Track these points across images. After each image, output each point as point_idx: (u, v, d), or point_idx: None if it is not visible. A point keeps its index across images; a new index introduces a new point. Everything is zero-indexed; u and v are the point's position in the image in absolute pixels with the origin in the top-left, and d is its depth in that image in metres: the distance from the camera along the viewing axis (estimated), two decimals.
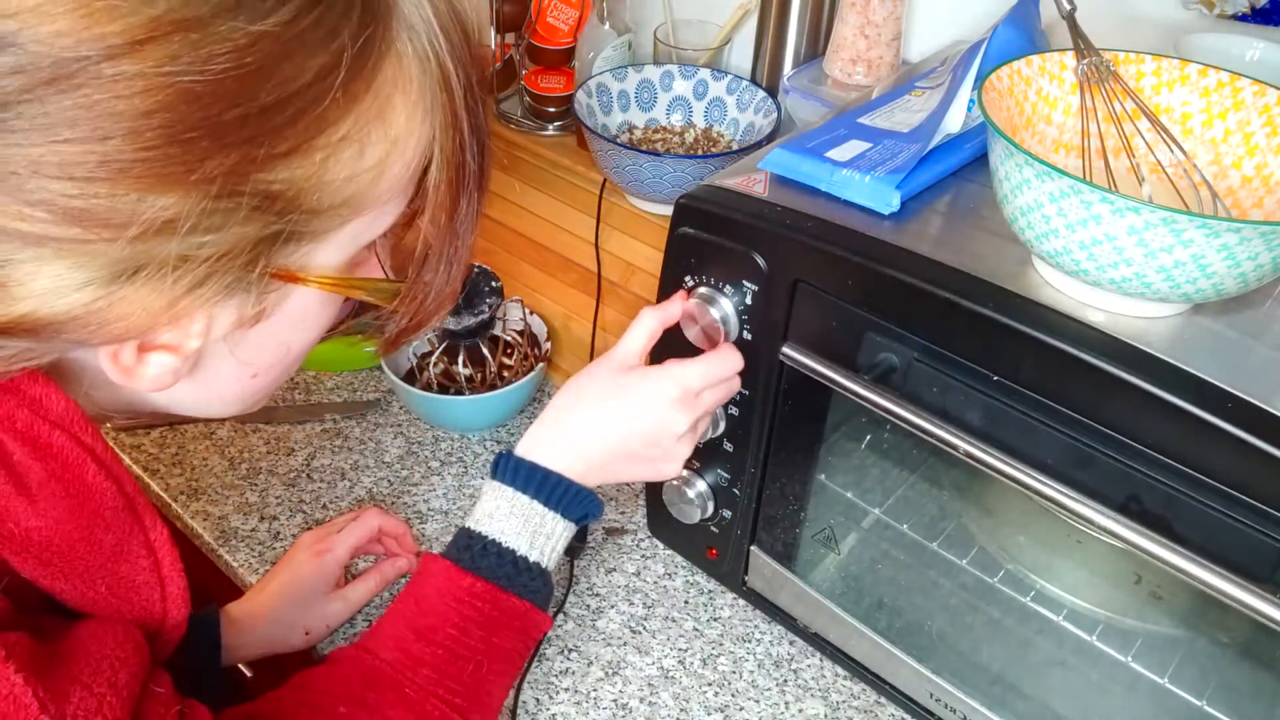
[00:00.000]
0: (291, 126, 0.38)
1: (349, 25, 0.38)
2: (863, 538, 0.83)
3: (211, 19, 0.35)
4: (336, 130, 0.39)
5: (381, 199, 0.44)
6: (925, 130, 0.66)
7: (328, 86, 0.38)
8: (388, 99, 0.41)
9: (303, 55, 0.37)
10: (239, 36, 0.35)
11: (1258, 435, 0.47)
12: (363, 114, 0.40)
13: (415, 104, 0.42)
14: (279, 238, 0.40)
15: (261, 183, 0.38)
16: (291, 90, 0.37)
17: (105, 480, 0.44)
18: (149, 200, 0.35)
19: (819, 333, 0.65)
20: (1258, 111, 0.58)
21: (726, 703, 0.79)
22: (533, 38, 1.08)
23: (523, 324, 1.05)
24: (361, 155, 0.41)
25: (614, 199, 0.99)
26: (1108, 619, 0.72)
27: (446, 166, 0.45)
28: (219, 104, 0.35)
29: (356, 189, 0.41)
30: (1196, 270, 0.48)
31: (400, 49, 0.41)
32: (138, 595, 0.47)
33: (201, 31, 0.35)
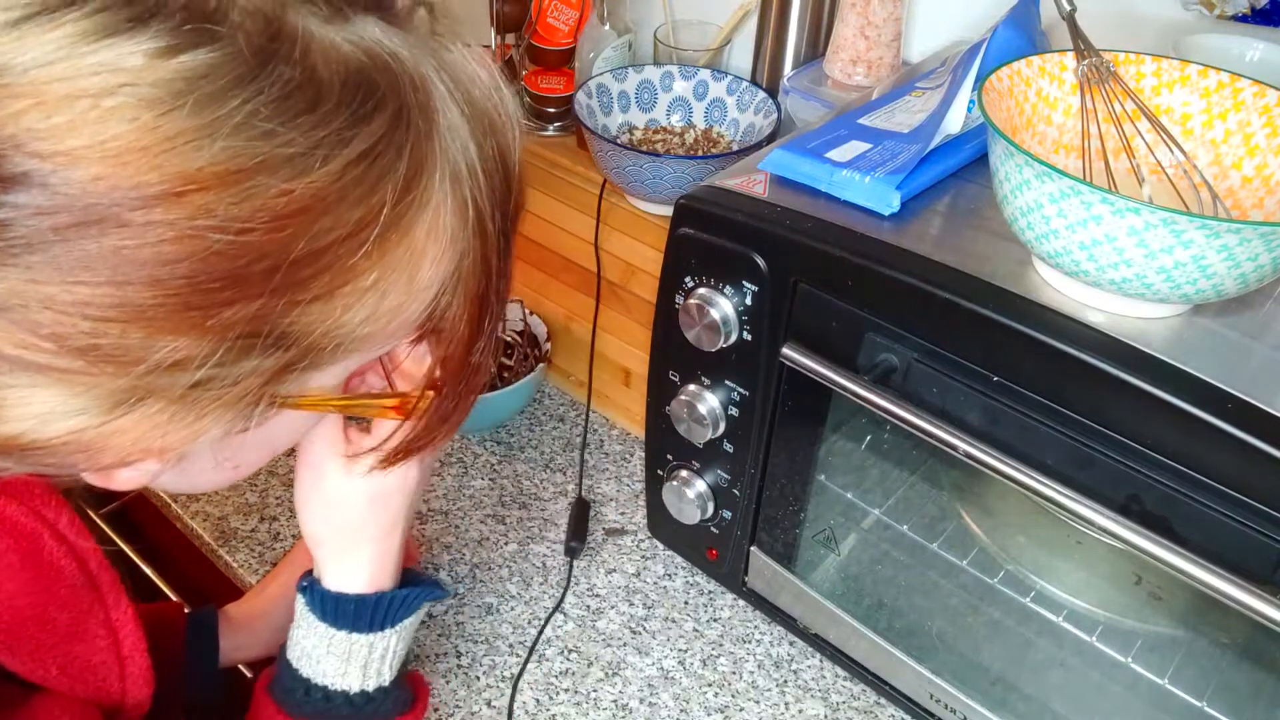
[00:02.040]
0: (319, 278, 0.36)
1: (393, 179, 0.36)
2: (863, 538, 0.83)
3: (254, 174, 0.33)
4: (364, 280, 0.37)
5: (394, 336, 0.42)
6: (925, 131, 0.66)
7: (362, 240, 0.36)
8: (421, 251, 0.39)
9: (341, 210, 0.35)
10: (277, 194, 0.33)
11: (1258, 436, 0.47)
12: (392, 264, 0.38)
13: (445, 252, 0.40)
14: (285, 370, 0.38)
15: (279, 326, 0.36)
16: (324, 244, 0.35)
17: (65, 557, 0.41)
18: (161, 341, 0.34)
19: (819, 333, 0.65)
20: (1258, 112, 0.58)
21: (726, 703, 0.79)
22: (533, 38, 1.08)
23: (522, 324, 1.05)
24: (382, 300, 0.39)
25: (614, 199, 0.99)
26: (1108, 620, 0.72)
27: (469, 304, 0.43)
28: (248, 258, 0.34)
29: (371, 330, 0.40)
30: (1196, 271, 0.48)
31: (439, 200, 0.39)
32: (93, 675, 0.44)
33: (240, 187, 0.33)
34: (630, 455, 1.01)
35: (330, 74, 0.34)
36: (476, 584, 0.87)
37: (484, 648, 0.82)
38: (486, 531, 0.92)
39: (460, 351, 0.45)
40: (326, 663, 0.58)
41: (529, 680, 0.80)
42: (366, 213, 0.36)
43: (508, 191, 0.42)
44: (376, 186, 0.36)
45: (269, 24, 0.33)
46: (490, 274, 0.43)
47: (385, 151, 0.36)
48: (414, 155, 0.37)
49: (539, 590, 0.87)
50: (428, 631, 0.83)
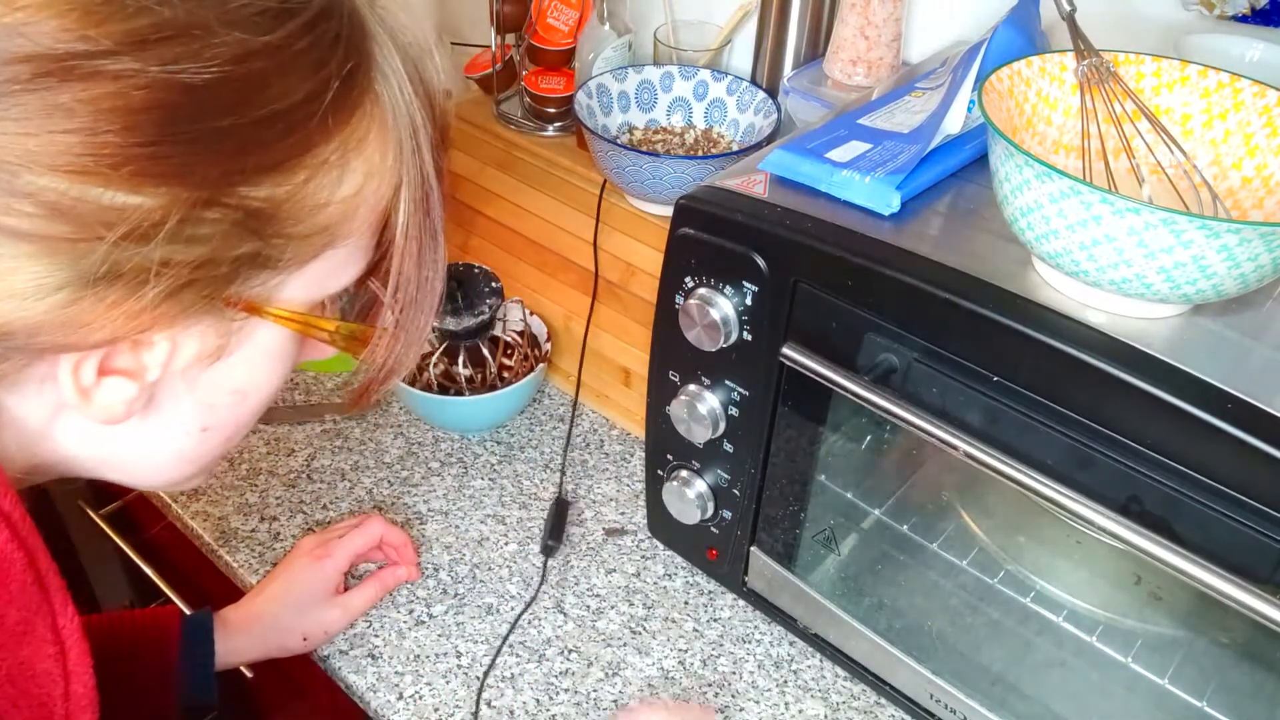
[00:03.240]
0: (279, 142, 0.39)
1: (335, 57, 0.40)
2: (863, 538, 0.83)
3: (216, 26, 0.36)
4: (320, 153, 0.41)
5: (352, 234, 0.45)
6: (925, 131, 0.66)
7: (315, 109, 0.40)
8: (366, 132, 0.43)
9: (294, 75, 0.39)
10: (238, 46, 0.37)
11: (1258, 436, 0.47)
12: (344, 141, 0.42)
13: (388, 143, 0.44)
14: (255, 258, 0.40)
15: (246, 196, 0.38)
16: (282, 107, 0.38)
17: (16, 550, 0.40)
18: (137, 199, 0.36)
19: (819, 333, 0.65)
20: (1258, 112, 0.58)
21: (727, 703, 0.79)
22: (533, 38, 1.08)
23: (523, 325, 1.05)
24: (340, 182, 0.42)
25: (614, 200, 0.99)
26: (1108, 620, 0.72)
27: (416, 210, 0.47)
28: (214, 109, 0.36)
29: (332, 217, 0.43)
30: (1196, 271, 0.48)
31: (378, 90, 0.43)
32: (38, 685, 0.42)
33: (204, 38, 0.36)
34: (630, 455, 1.01)
35: None
36: (476, 584, 0.87)
37: (484, 648, 0.82)
38: (486, 531, 0.92)
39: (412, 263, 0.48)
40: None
41: (529, 680, 0.80)
42: (317, 83, 0.40)
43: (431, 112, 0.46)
44: (323, 60, 0.40)
45: None
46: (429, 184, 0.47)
47: (326, 29, 0.40)
48: (350, 41, 0.41)
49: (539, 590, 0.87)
50: (428, 631, 0.83)
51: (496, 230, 1.09)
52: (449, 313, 0.96)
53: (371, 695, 0.78)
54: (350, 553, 0.83)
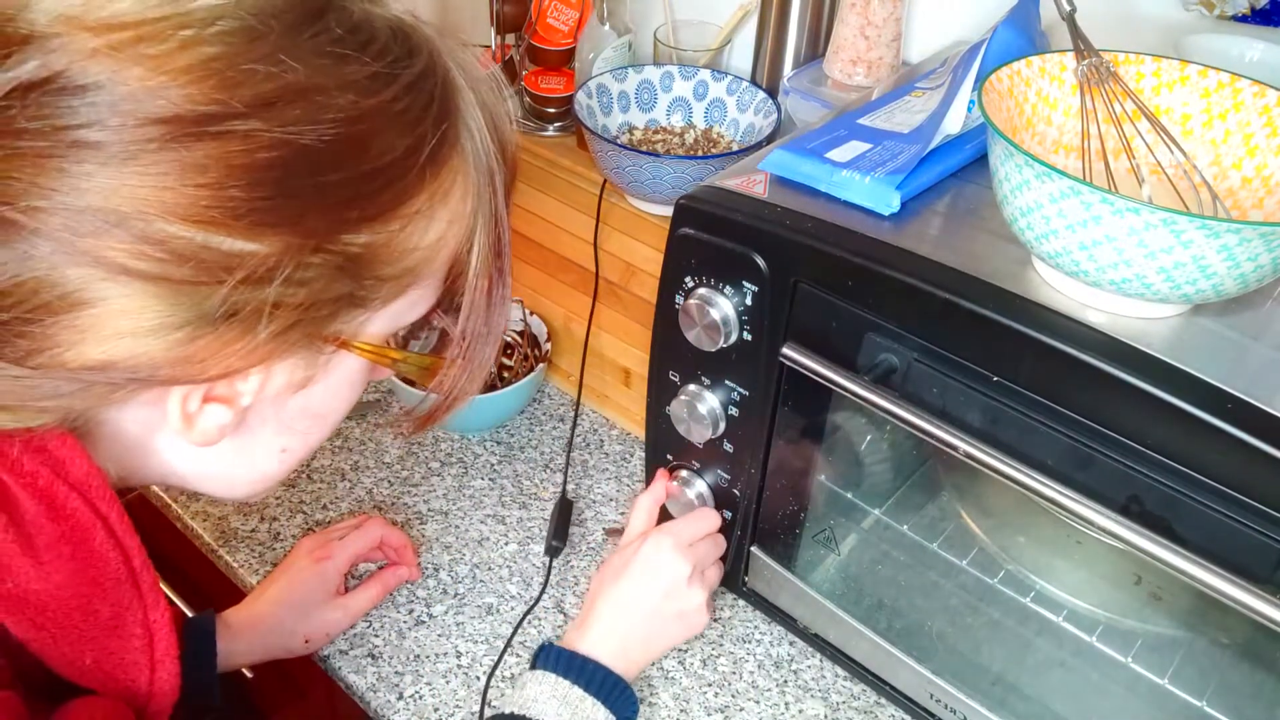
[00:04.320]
0: (381, 194, 0.42)
1: (430, 115, 0.44)
2: (863, 538, 0.83)
3: (331, 90, 0.40)
4: (414, 204, 0.44)
5: (431, 275, 0.48)
6: (925, 131, 0.66)
7: (411, 163, 0.43)
8: (452, 184, 0.46)
9: (395, 133, 0.42)
10: (350, 109, 0.40)
11: (1258, 436, 0.47)
12: (433, 193, 0.45)
13: (469, 191, 0.47)
14: (351, 299, 0.44)
15: (348, 243, 0.42)
16: (385, 161, 0.42)
17: (113, 550, 0.44)
18: (254, 246, 0.39)
19: (819, 333, 0.65)
20: (1258, 112, 0.58)
21: (726, 703, 0.79)
22: (533, 38, 1.08)
23: (523, 325, 1.05)
24: (428, 229, 0.46)
25: (614, 199, 0.99)
26: (1108, 620, 0.72)
27: (488, 249, 0.50)
28: (327, 165, 0.40)
29: (417, 260, 0.46)
30: (1196, 271, 0.48)
31: (463, 144, 0.46)
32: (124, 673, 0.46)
33: (322, 100, 0.40)
34: (630, 455, 1.01)
35: (376, 25, 0.43)
36: (476, 584, 0.87)
37: (484, 647, 0.82)
38: (486, 531, 0.92)
39: (484, 301, 0.51)
40: (547, 704, 0.67)
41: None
42: (414, 140, 0.43)
43: (504, 157, 0.49)
44: (420, 118, 0.43)
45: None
46: (500, 226, 0.50)
47: (424, 89, 0.44)
48: (443, 99, 0.45)
49: (539, 590, 0.87)
50: (428, 631, 0.83)
51: None
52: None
53: (371, 695, 0.78)
54: (350, 554, 0.83)
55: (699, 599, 0.73)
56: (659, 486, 0.80)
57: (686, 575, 0.72)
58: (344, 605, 0.82)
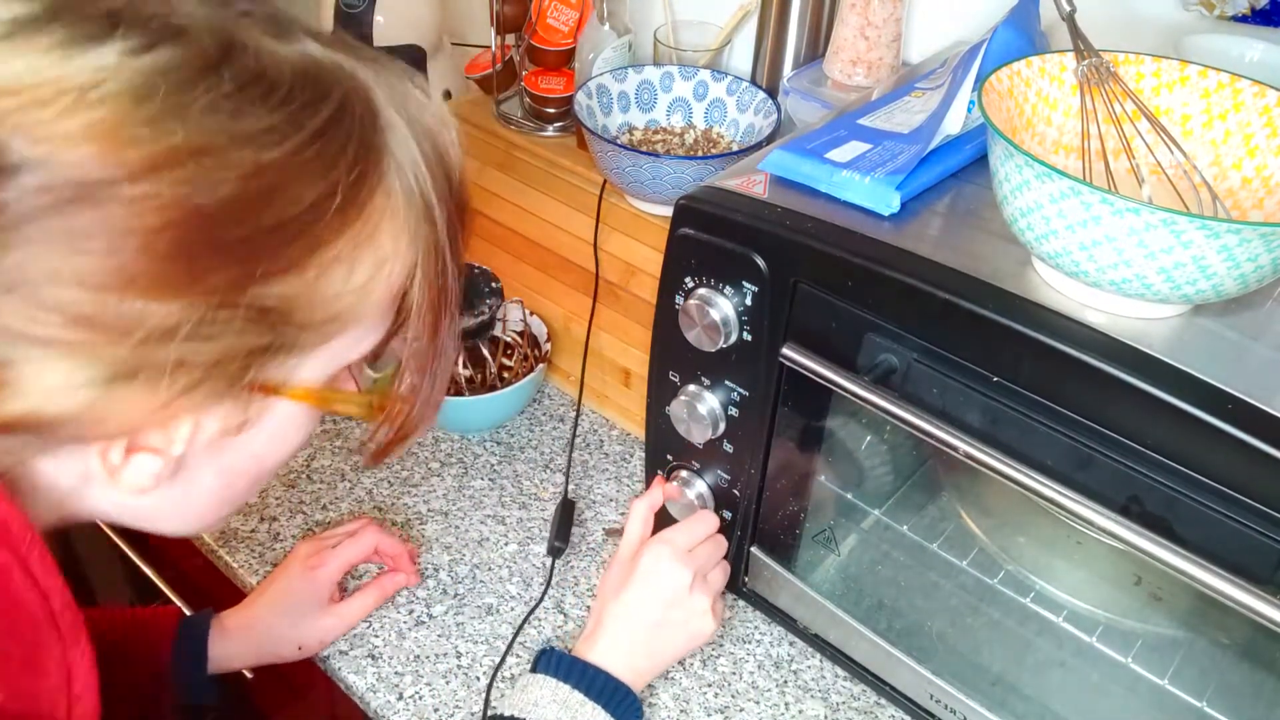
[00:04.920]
0: (288, 246, 0.41)
1: (345, 159, 0.42)
2: (862, 539, 0.83)
3: (225, 148, 0.38)
4: (329, 251, 0.42)
5: (366, 317, 0.46)
6: (925, 131, 0.66)
7: (323, 211, 0.41)
8: (376, 226, 0.44)
9: (303, 183, 0.40)
10: (248, 165, 0.38)
11: (1258, 436, 0.47)
12: (353, 237, 0.43)
13: (400, 231, 0.45)
14: (269, 349, 0.42)
15: (258, 297, 0.40)
16: (290, 214, 0.40)
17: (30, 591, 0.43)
18: (153, 308, 0.38)
19: (819, 333, 0.65)
20: (1258, 113, 0.58)
21: (726, 704, 0.79)
22: (533, 39, 1.08)
23: (522, 325, 1.05)
24: (350, 275, 0.44)
25: (614, 200, 0.99)
26: (1108, 620, 0.72)
27: (429, 289, 0.48)
28: (225, 224, 0.38)
29: (344, 306, 0.44)
30: (1196, 271, 0.48)
31: (389, 183, 0.44)
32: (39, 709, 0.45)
33: (215, 158, 0.38)
34: (630, 455, 1.01)
35: (281, 71, 0.41)
36: (476, 584, 0.87)
37: (484, 648, 0.82)
38: (486, 532, 0.92)
39: (427, 337, 0.49)
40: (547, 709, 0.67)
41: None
42: (326, 187, 0.41)
43: (448, 187, 0.47)
44: (332, 164, 0.41)
45: (222, 35, 0.40)
46: (444, 261, 0.48)
47: (335, 134, 0.41)
48: (361, 140, 0.43)
49: (539, 591, 0.87)
50: (428, 632, 0.83)
51: (496, 230, 1.09)
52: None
53: (371, 695, 0.78)
54: (343, 563, 0.82)
55: (703, 604, 0.72)
56: (655, 491, 0.80)
57: (688, 583, 0.72)
58: (338, 613, 0.81)
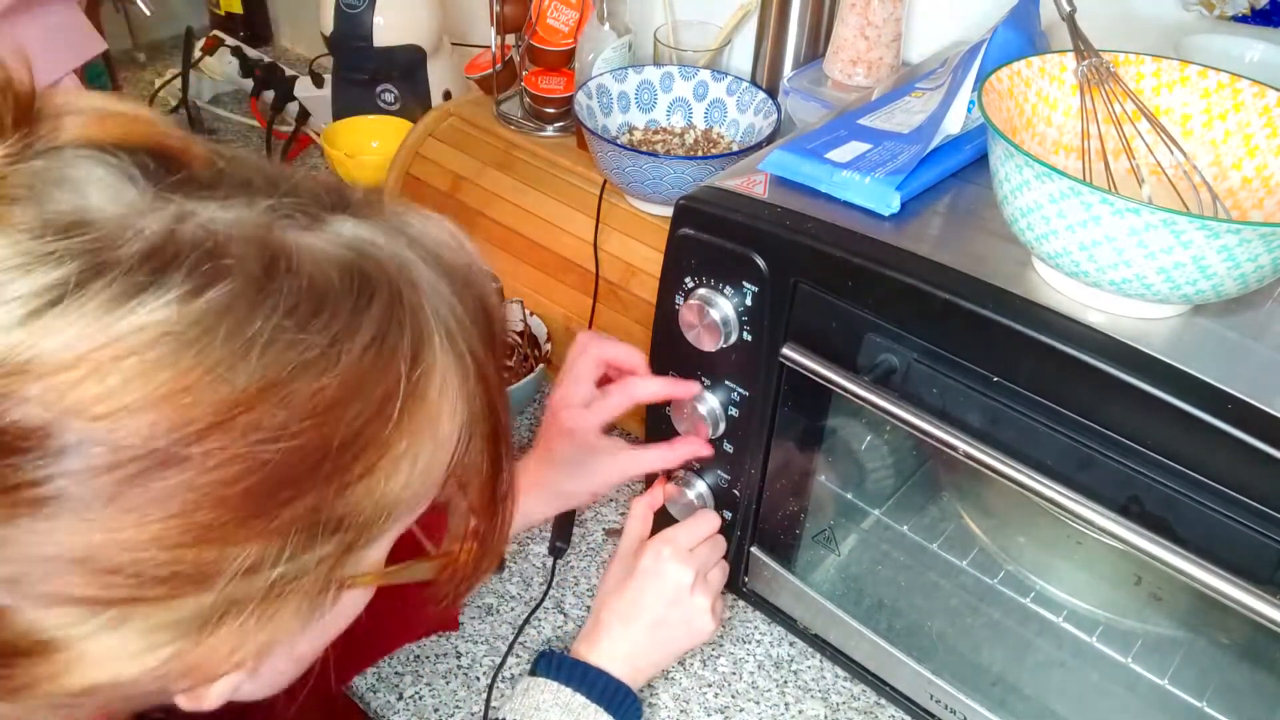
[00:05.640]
0: (360, 459, 0.39)
1: (401, 353, 0.39)
2: (863, 539, 0.83)
3: (288, 381, 0.36)
4: (397, 449, 0.40)
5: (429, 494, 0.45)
6: (925, 131, 0.66)
7: (389, 414, 0.39)
8: (437, 410, 0.42)
9: (366, 392, 0.38)
10: (312, 394, 0.36)
11: (1258, 436, 0.47)
12: (417, 429, 0.41)
13: (456, 405, 0.43)
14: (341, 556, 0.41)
15: (333, 512, 0.39)
16: (359, 426, 0.38)
17: None
18: (232, 552, 0.36)
19: (819, 333, 0.65)
20: (1258, 113, 0.58)
21: (726, 704, 0.79)
22: (533, 39, 1.08)
23: (522, 325, 1.05)
24: (416, 463, 0.42)
25: (614, 200, 0.99)
26: (1108, 620, 0.72)
27: (486, 445, 0.46)
28: (297, 457, 0.37)
29: (410, 493, 0.43)
30: (1196, 271, 0.48)
31: (443, 361, 0.42)
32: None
33: (278, 396, 0.36)
34: None
35: (326, 273, 0.38)
36: None
37: (484, 648, 0.82)
38: None
39: (487, 491, 0.48)
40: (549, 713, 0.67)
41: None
42: (388, 388, 0.39)
43: (492, 334, 0.46)
44: (390, 363, 0.39)
45: (263, 247, 0.37)
46: (497, 413, 0.46)
47: (390, 330, 0.39)
48: (413, 327, 0.40)
49: (539, 591, 0.87)
50: None
51: (496, 230, 1.09)
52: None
53: (371, 695, 0.78)
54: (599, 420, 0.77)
55: (704, 604, 0.72)
56: (655, 492, 0.80)
57: (689, 582, 0.72)
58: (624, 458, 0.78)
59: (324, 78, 1.40)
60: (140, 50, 1.69)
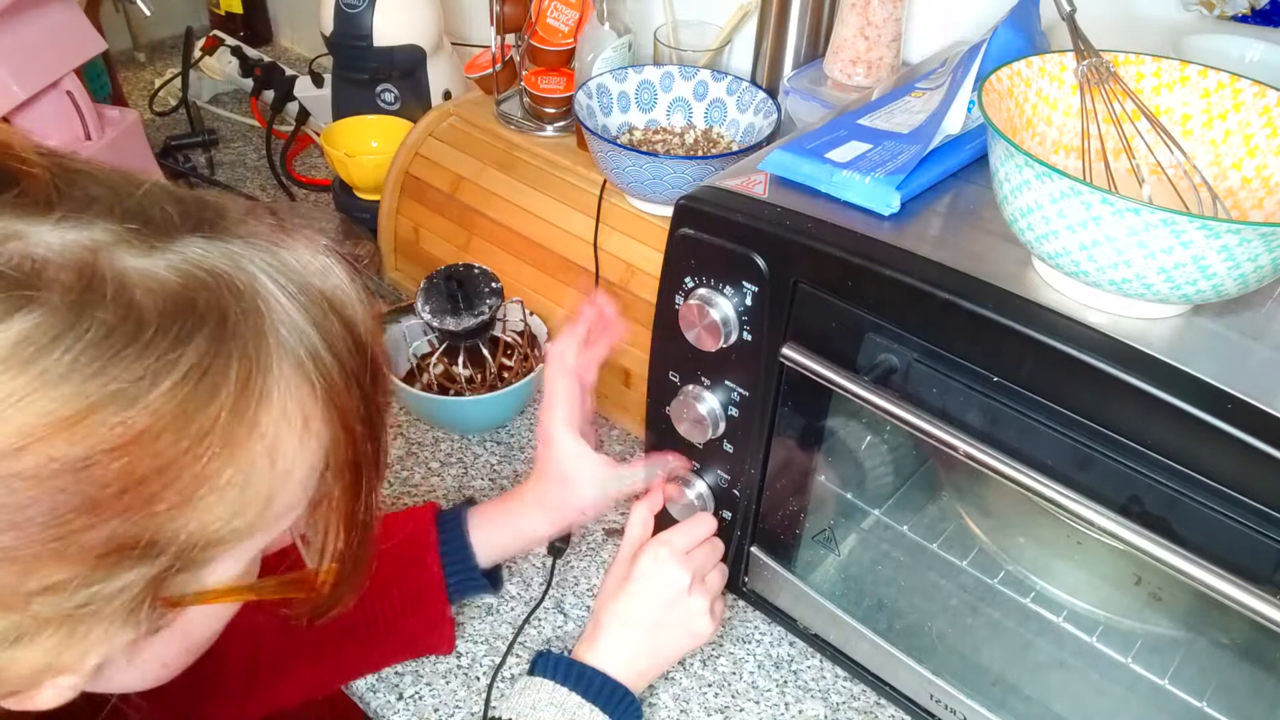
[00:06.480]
0: (169, 489, 0.37)
1: (228, 384, 0.38)
2: (863, 539, 0.83)
3: (86, 414, 0.35)
4: (218, 479, 0.39)
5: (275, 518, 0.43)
6: (925, 131, 0.66)
7: (206, 446, 0.38)
8: (274, 438, 0.40)
9: (179, 426, 0.37)
10: (113, 427, 0.35)
11: (1258, 436, 0.47)
12: (245, 457, 0.40)
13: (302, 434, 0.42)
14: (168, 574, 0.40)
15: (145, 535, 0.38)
16: (168, 459, 0.37)
17: None
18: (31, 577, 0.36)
19: (819, 333, 0.65)
20: (1258, 113, 0.58)
21: (726, 704, 0.79)
22: (533, 38, 1.08)
23: (523, 325, 1.05)
24: (245, 492, 0.40)
25: (614, 200, 0.99)
26: (1108, 620, 0.72)
27: (342, 473, 0.45)
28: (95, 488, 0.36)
29: (245, 520, 0.41)
30: (1196, 271, 0.48)
31: (284, 388, 0.40)
32: None
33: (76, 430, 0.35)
34: (630, 455, 1.01)
35: (148, 303, 0.36)
36: None
37: (484, 648, 0.82)
38: None
39: (346, 517, 0.47)
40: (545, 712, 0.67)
41: None
42: (205, 421, 0.37)
43: (361, 362, 0.44)
44: (211, 396, 0.37)
45: (82, 272, 0.36)
46: (355, 441, 0.45)
47: (213, 363, 0.38)
48: (244, 357, 0.39)
49: (539, 591, 0.87)
50: None
51: (497, 230, 1.09)
52: (449, 313, 0.96)
53: (371, 695, 0.78)
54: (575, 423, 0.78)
55: (702, 606, 0.72)
56: (656, 494, 0.80)
57: (686, 584, 0.72)
58: (608, 474, 0.78)
59: (324, 77, 1.40)
60: (140, 50, 1.69)
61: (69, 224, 0.37)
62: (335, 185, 1.30)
